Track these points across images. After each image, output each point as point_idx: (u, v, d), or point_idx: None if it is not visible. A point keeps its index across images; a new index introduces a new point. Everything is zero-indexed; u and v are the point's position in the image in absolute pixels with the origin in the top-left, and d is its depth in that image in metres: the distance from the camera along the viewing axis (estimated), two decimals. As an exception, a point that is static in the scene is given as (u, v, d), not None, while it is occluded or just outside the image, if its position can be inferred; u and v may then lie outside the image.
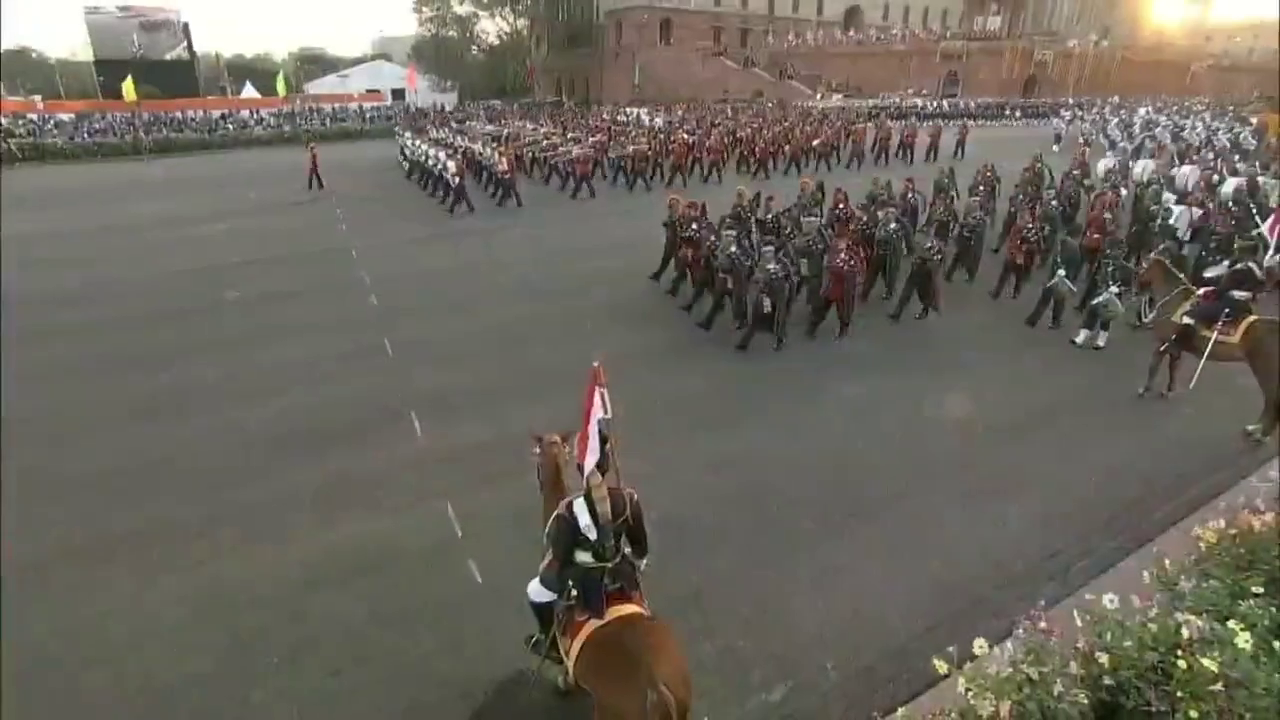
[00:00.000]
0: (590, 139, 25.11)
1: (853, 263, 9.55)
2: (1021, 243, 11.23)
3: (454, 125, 35.31)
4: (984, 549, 5.67)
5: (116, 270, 14.28)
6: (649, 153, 22.95)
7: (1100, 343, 9.58)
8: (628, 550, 3.43)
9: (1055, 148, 28.61)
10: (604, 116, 39.91)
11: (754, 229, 11.96)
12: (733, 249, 9.63)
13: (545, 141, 25.24)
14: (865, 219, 11.75)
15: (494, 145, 23.06)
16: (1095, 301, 9.43)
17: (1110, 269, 9.37)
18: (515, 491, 6.23)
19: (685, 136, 25.28)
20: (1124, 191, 15.80)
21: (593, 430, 3.14)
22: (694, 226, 11.02)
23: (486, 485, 6.48)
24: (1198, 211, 13.04)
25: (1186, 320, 7.63)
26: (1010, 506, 6.22)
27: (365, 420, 7.79)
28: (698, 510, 6.07)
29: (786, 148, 25.53)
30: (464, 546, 5.64)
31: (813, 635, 4.81)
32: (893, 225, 11.13)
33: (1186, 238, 12.19)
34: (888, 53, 62.61)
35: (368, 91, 66.26)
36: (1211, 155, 20.53)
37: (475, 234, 16.81)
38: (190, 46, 62.39)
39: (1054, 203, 13.44)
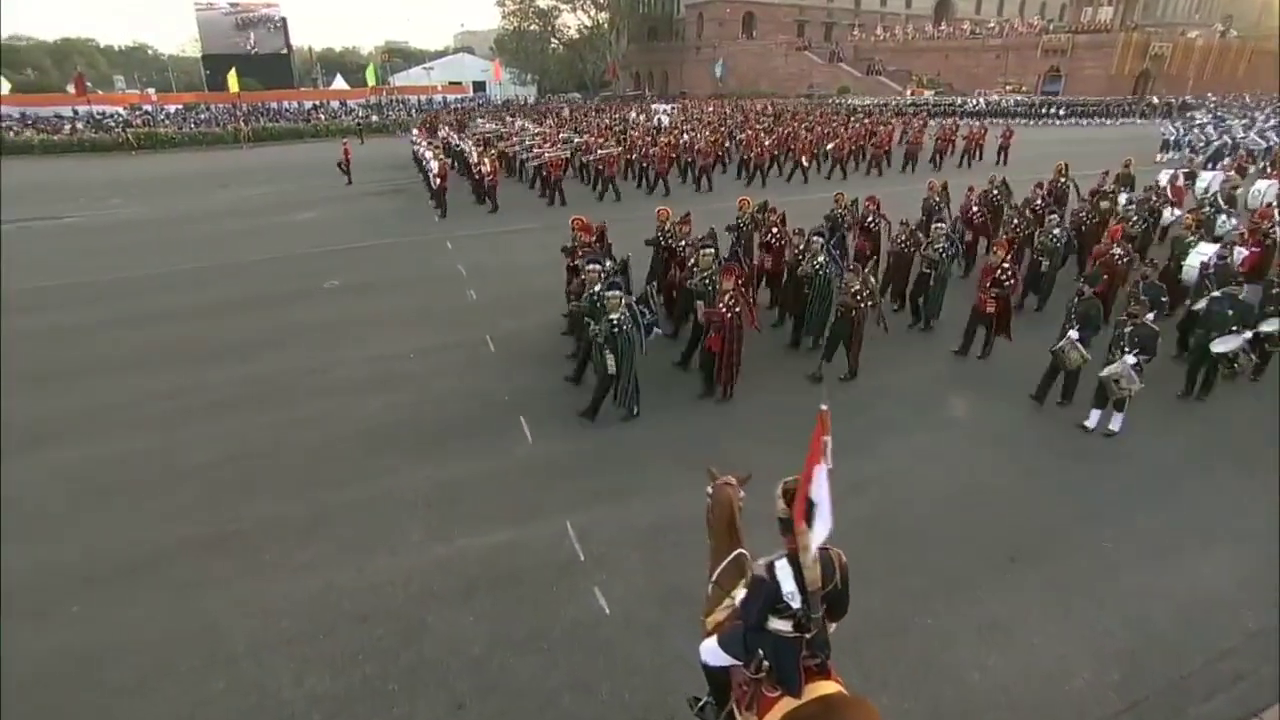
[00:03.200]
0: (576, 140, 23.56)
1: (737, 308, 7.55)
2: (992, 284, 8.44)
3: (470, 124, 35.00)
4: (1177, 609, 4.89)
5: (215, 255, 14.67)
6: (617, 158, 20.51)
7: (1114, 427, 7.13)
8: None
9: (1160, 156, 25.46)
10: (617, 116, 37.28)
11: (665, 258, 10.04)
12: (596, 289, 7.51)
13: (529, 141, 23.50)
14: (800, 248, 9.29)
15: (479, 147, 22.12)
16: (1102, 374, 7.01)
17: (1127, 329, 6.91)
18: (635, 510, 5.90)
19: (685, 137, 23.35)
20: (1168, 215, 13.03)
21: (820, 489, 2.59)
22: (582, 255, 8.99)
23: (603, 500, 6.07)
24: (1213, 248, 9.54)
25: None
26: (1197, 559, 5.40)
27: (472, 421, 7.51)
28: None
29: (791, 151, 22.70)
30: (587, 569, 5.24)
31: (987, 698, 4.19)
32: (820, 259, 8.69)
33: (1211, 285, 8.44)
34: (983, 47, 59.62)
35: (450, 84, 67.92)
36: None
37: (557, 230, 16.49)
38: (287, 41, 65.29)
39: (1056, 230, 10.51)
